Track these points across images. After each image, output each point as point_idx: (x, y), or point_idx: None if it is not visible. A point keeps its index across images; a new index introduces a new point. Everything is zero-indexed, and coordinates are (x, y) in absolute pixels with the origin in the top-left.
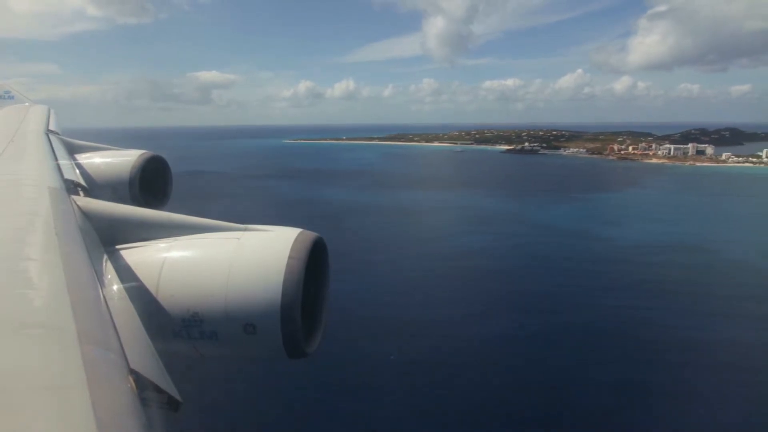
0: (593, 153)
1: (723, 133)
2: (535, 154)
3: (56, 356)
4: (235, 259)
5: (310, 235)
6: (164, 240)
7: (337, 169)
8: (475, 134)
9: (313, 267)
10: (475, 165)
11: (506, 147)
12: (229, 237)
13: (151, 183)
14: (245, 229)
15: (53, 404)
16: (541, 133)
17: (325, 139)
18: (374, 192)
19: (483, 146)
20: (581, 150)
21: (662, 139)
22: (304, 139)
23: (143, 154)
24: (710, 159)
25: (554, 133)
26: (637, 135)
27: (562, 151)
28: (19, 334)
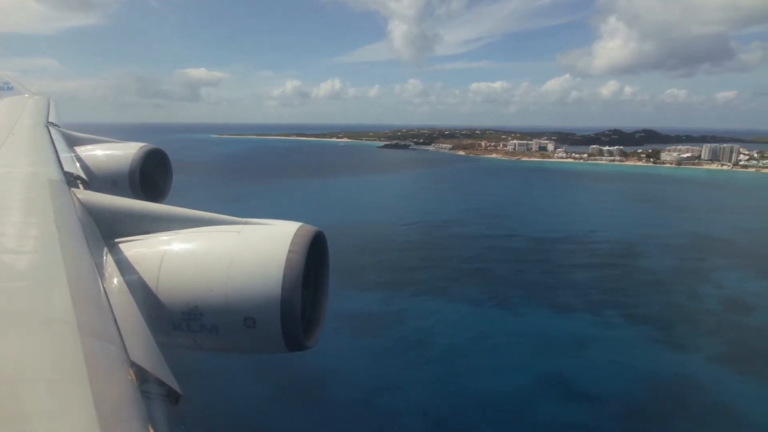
0: (455, 148)
1: (639, 134)
2: (405, 149)
3: (57, 349)
4: (236, 253)
5: (311, 229)
6: (164, 233)
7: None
8: (398, 133)
9: (313, 260)
10: (314, 156)
11: (385, 142)
12: (229, 230)
13: (152, 176)
14: (245, 223)
15: (54, 396)
16: (463, 132)
17: (252, 135)
18: None
19: (373, 141)
20: (446, 146)
21: (579, 139)
22: (232, 134)
23: (143, 146)
24: (542, 155)
25: (463, 132)
26: (560, 135)
27: (429, 147)
28: (20, 327)
